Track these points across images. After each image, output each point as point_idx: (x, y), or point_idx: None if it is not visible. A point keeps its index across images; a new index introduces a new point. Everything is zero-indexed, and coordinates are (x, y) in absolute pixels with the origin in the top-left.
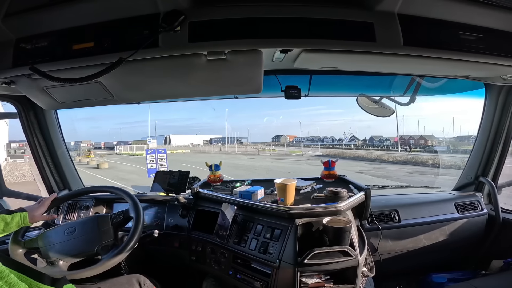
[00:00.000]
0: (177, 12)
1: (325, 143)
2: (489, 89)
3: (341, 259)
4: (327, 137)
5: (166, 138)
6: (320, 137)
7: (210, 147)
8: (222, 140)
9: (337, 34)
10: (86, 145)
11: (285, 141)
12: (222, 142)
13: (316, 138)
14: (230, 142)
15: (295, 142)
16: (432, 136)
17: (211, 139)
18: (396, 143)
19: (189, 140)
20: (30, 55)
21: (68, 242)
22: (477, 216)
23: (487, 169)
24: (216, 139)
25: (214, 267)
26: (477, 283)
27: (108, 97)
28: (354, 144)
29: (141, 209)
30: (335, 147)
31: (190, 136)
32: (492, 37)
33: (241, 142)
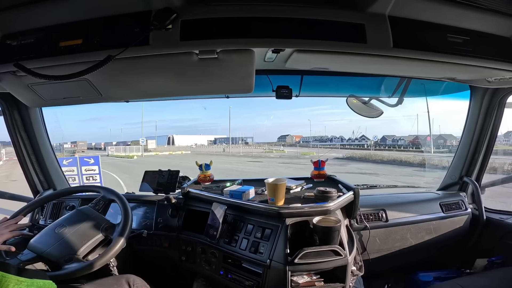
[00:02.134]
0: (169, 10)
1: (335, 143)
2: (474, 91)
3: (331, 258)
4: (336, 136)
5: (169, 138)
6: (328, 136)
7: (214, 147)
8: (227, 140)
9: (329, 35)
10: (70, 146)
11: (291, 141)
12: (227, 142)
13: (324, 138)
14: (234, 142)
15: (302, 142)
16: (451, 136)
17: (216, 139)
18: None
19: (193, 140)
20: (16, 51)
21: (66, 237)
22: (461, 216)
23: (471, 170)
24: (221, 139)
25: (204, 267)
26: (462, 282)
27: (95, 94)
28: (366, 144)
29: (129, 208)
30: (346, 147)
31: (194, 136)
32: (478, 39)
33: (246, 142)
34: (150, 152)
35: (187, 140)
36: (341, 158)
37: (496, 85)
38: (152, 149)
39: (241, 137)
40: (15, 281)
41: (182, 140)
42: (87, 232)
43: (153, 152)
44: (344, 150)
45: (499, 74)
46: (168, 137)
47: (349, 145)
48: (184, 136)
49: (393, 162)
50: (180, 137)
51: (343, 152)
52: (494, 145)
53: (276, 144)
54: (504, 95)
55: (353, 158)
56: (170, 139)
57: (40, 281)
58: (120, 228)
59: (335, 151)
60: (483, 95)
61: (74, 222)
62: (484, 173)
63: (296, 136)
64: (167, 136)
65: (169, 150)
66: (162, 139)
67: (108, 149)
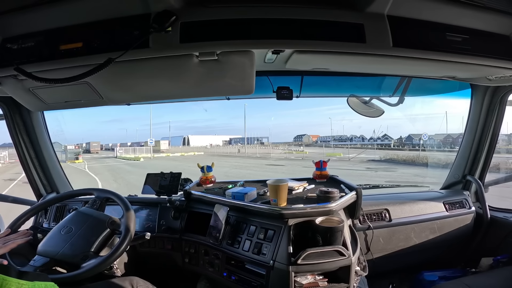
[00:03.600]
0: (168, 13)
1: (355, 143)
2: (475, 89)
3: (335, 259)
4: (356, 136)
5: (185, 138)
6: (348, 136)
7: (229, 148)
8: (242, 140)
9: (328, 35)
10: (74, 147)
11: (308, 140)
12: (242, 143)
13: (343, 137)
14: (250, 142)
15: (320, 141)
16: None
17: (231, 139)
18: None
19: (208, 141)
20: (16, 55)
21: (75, 236)
22: (465, 214)
23: (474, 168)
24: (236, 139)
25: (207, 269)
26: (467, 281)
27: (96, 98)
28: (388, 144)
29: (132, 210)
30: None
31: (209, 136)
32: (477, 38)
33: (262, 142)
34: (161, 154)
35: (202, 140)
36: (379, 160)
37: (496, 83)
38: (164, 150)
39: (257, 137)
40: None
41: (197, 140)
42: (94, 229)
43: (164, 154)
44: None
45: (499, 72)
46: (183, 138)
47: (371, 145)
48: (199, 136)
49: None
50: (195, 137)
51: (379, 154)
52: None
53: (292, 144)
54: (505, 93)
55: (394, 160)
56: (185, 139)
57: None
58: (125, 219)
59: (367, 152)
60: (484, 94)
61: (78, 222)
62: (487, 172)
63: (313, 135)
64: (182, 137)
65: (181, 151)
66: (178, 140)
67: (117, 150)
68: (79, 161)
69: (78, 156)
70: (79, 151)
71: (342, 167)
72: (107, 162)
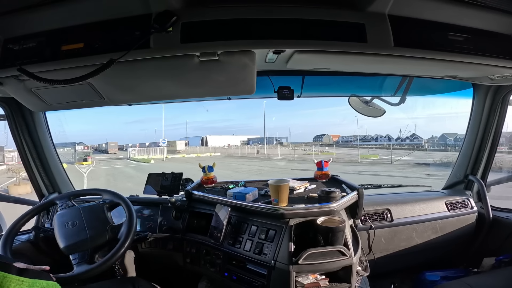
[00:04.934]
0: (169, 13)
1: (381, 142)
2: (476, 89)
3: (336, 259)
4: (382, 135)
5: (203, 139)
6: (372, 135)
7: (247, 148)
8: (260, 140)
9: (329, 35)
10: (82, 148)
11: (329, 140)
12: (260, 143)
13: (368, 137)
14: (268, 143)
15: (341, 141)
16: None
17: (249, 139)
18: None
19: (226, 141)
20: (18, 56)
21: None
22: (467, 214)
23: (476, 168)
24: (254, 139)
25: (209, 269)
26: (469, 281)
27: (98, 98)
28: (419, 144)
29: (134, 210)
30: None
31: (227, 136)
32: (479, 37)
33: (281, 143)
34: (176, 154)
35: (220, 140)
36: (434, 164)
37: (499, 83)
38: (180, 150)
39: (275, 137)
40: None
41: (215, 140)
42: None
43: (179, 154)
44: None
45: (501, 71)
46: (201, 138)
47: (399, 145)
48: (217, 136)
49: None
50: (213, 137)
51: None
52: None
53: (312, 144)
54: (507, 92)
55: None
56: (204, 139)
57: (43, 282)
58: (126, 226)
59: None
60: (486, 93)
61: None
62: (490, 171)
63: (333, 135)
64: (201, 137)
65: (198, 152)
66: (196, 140)
67: (129, 151)
68: (87, 163)
69: (87, 158)
70: (88, 152)
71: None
72: (115, 164)
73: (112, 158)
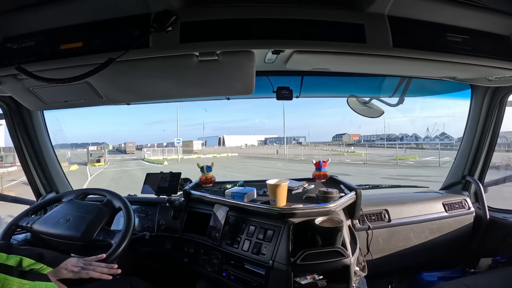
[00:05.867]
0: (168, 13)
1: (408, 142)
2: (475, 90)
3: (334, 259)
4: (408, 134)
5: (220, 138)
6: (397, 134)
7: (265, 148)
8: (278, 140)
9: (328, 35)
10: (96, 149)
11: (349, 140)
12: (278, 142)
13: (392, 136)
14: (286, 142)
15: (363, 141)
16: None
17: (266, 139)
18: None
19: (243, 141)
20: (17, 54)
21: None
22: (465, 215)
23: (474, 169)
24: (271, 139)
25: (207, 269)
26: (466, 281)
27: (96, 98)
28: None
29: (132, 210)
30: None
31: (244, 136)
32: (477, 38)
33: (300, 142)
34: (193, 155)
35: (237, 140)
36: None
37: (496, 84)
38: (197, 150)
39: (293, 136)
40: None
41: (232, 140)
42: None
43: (196, 155)
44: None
45: (499, 72)
46: (218, 138)
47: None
48: (234, 136)
49: None
50: (230, 137)
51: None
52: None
53: (331, 143)
54: (505, 93)
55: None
56: (221, 139)
57: (43, 284)
58: (121, 235)
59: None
60: (484, 94)
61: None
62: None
63: (353, 135)
64: (218, 137)
65: (215, 152)
66: (213, 140)
67: (144, 151)
68: (99, 164)
69: (100, 159)
70: (101, 153)
71: None
72: (127, 165)
73: (126, 158)
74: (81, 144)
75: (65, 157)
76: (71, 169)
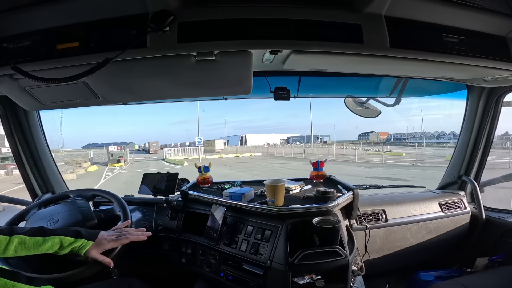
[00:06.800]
0: (166, 12)
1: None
2: (470, 90)
3: (332, 259)
4: (445, 132)
5: (242, 138)
6: (432, 132)
7: (288, 147)
8: (301, 138)
9: (326, 35)
10: (116, 149)
11: (376, 138)
12: (302, 141)
13: (427, 135)
14: (310, 141)
15: (393, 139)
16: None
17: (288, 137)
18: None
19: (265, 139)
20: (13, 54)
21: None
22: (461, 215)
23: (470, 168)
24: (294, 138)
25: (205, 269)
26: (463, 281)
27: (93, 98)
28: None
29: (129, 211)
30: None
31: (266, 135)
32: (473, 39)
33: (324, 141)
34: (215, 155)
35: (259, 139)
36: None
37: (492, 84)
38: (219, 150)
39: (317, 135)
40: None
41: (254, 139)
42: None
43: (218, 155)
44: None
45: (495, 73)
46: (240, 137)
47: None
48: (256, 135)
49: None
50: (252, 136)
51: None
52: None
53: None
54: (501, 94)
55: None
56: (243, 138)
57: None
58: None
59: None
60: (480, 95)
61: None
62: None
63: (381, 133)
64: (240, 136)
65: (237, 152)
66: (236, 139)
67: (165, 151)
68: (119, 164)
69: (120, 159)
70: (122, 153)
71: None
72: (146, 166)
73: (146, 159)
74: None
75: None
76: (89, 170)
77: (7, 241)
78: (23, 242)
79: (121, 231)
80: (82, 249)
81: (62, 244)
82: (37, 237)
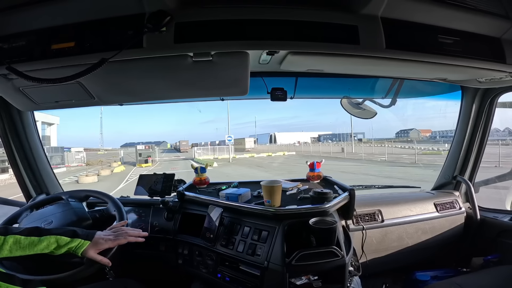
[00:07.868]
0: (163, 13)
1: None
2: (465, 91)
3: (329, 259)
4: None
5: (271, 136)
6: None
7: (321, 145)
8: (333, 136)
9: (323, 36)
10: (144, 148)
11: (418, 136)
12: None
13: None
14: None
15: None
16: None
17: (319, 135)
18: None
19: (295, 138)
20: (7, 54)
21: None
22: (456, 215)
23: (464, 169)
24: (326, 136)
25: (202, 270)
26: (459, 281)
27: (88, 98)
28: None
29: (124, 211)
30: None
31: (296, 133)
32: (468, 40)
33: (360, 139)
34: (245, 154)
35: (289, 137)
36: None
37: (487, 85)
38: (249, 148)
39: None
40: None
41: (283, 137)
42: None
43: (248, 154)
44: None
45: (489, 74)
46: (270, 135)
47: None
48: (286, 133)
49: None
50: (281, 134)
51: None
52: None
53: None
54: (495, 95)
55: None
56: (272, 137)
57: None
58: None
59: None
60: (474, 95)
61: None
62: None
63: (423, 130)
64: (269, 134)
65: (268, 150)
66: (265, 137)
67: (194, 151)
68: (146, 165)
69: (148, 159)
70: (150, 153)
71: None
72: (174, 167)
73: (174, 158)
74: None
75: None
76: (116, 171)
77: (1, 241)
78: (18, 242)
79: (118, 231)
80: (79, 249)
81: (58, 244)
82: (33, 237)
